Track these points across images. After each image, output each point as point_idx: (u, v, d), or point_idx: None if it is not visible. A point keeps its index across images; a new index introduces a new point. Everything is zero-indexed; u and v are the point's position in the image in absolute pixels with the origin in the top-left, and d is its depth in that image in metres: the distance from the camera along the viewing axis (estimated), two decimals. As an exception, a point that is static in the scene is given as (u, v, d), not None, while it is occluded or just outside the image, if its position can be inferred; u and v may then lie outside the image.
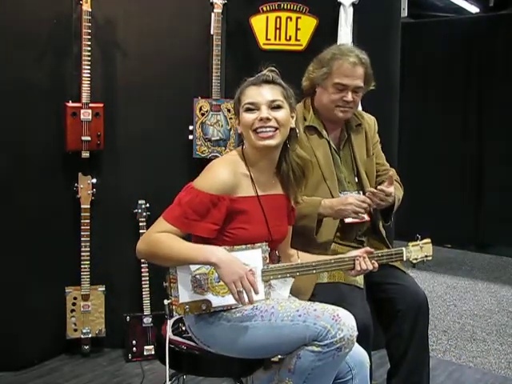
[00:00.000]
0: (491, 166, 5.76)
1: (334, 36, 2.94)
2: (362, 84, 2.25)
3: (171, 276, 1.74)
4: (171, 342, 1.83)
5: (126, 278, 3.08)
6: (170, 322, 1.84)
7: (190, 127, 2.97)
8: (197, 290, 1.75)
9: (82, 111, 2.81)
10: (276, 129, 1.80)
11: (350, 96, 2.22)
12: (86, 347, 2.97)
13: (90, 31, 2.77)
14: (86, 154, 2.86)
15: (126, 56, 2.98)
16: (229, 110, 2.94)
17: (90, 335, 2.95)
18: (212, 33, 2.92)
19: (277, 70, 1.87)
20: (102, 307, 2.99)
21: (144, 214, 2.98)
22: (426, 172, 5.92)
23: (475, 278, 4.93)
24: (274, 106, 1.81)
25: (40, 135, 2.84)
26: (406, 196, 2.41)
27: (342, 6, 2.94)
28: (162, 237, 1.72)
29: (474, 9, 5.86)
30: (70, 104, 2.82)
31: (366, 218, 2.27)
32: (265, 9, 3.03)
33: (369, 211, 2.22)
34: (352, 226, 2.28)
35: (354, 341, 1.66)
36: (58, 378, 2.78)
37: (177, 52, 3.03)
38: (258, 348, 1.74)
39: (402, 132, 3.80)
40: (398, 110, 3.37)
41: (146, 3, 3.00)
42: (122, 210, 3.03)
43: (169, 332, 1.83)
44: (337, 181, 2.28)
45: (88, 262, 2.92)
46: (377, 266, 1.94)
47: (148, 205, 2.99)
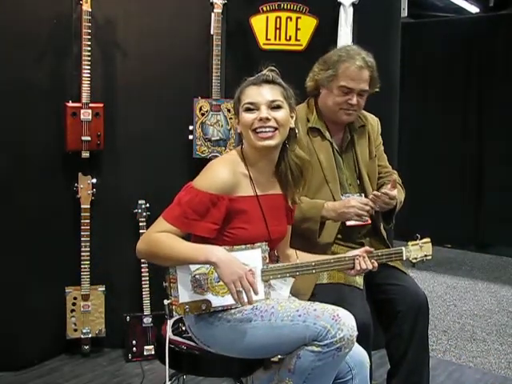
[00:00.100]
0: (491, 166, 5.76)
1: (334, 36, 2.94)
2: (368, 87, 2.24)
3: (171, 276, 1.74)
4: (171, 342, 1.83)
5: (126, 278, 3.08)
6: (169, 322, 1.84)
7: (190, 127, 2.97)
8: (197, 290, 1.75)
9: (81, 111, 2.81)
10: (275, 129, 1.80)
11: (354, 99, 2.21)
12: (86, 347, 2.97)
13: (89, 31, 2.77)
14: (85, 154, 2.86)
15: (126, 56, 2.98)
16: (229, 110, 2.94)
17: (89, 335, 2.95)
18: (212, 33, 2.92)
19: (277, 70, 1.87)
20: (102, 307, 2.99)
21: (144, 213, 2.98)
22: (426, 172, 5.92)
23: (475, 278, 4.92)
24: (274, 106, 1.81)
25: (40, 135, 2.84)
26: (406, 196, 2.41)
27: (341, 6, 2.94)
28: (162, 236, 1.72)
29: (474, 9, 5.85)
30: (70, 104, 2.82)
31: (368, 220, 2.27)
32: (265, 9, 3.03)
33: (370, 214, 2.21)
34: (353, 228, 2.27)
35: (354, 341, 1.66)
36: (57, 378, 2.78)
37: (177, 52, 3.03)
38: (257, 348, 1.74)
39: (402, 132, 3.80)
40: (397, 110, 3.36)
41: (145, 3, 3.00)
42: (122, 209, 3.03)
43: (169, 332, 1.83)
44: (339, 183, 2.28)
45: (88, 262, 2.92)
46: (376, 265, 1.94)
47: (148, 205, 2.99)
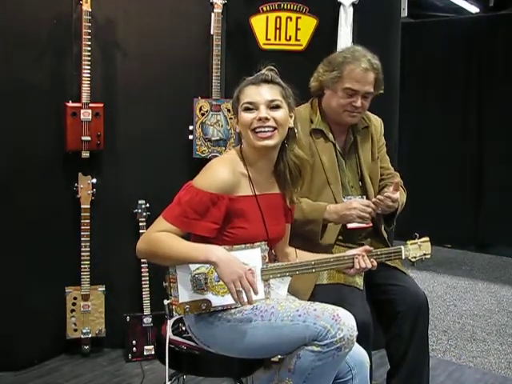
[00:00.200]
0: (491, 166, 5.76)
1: (334, 36, 2.94)
2: (372, 90, 2.23)
3: (171, 276, 1.74)
4: (171, 342, 1.83)
5: (126, 278, 3.08)
6: (169, 322, 1.84)
7: (190, 127, 2.97)
8: (196, 289, 1.75)
9: (81, 111, 2.81)
10: (274, 129, 1.79)
11: (359, 102, 2.20)
12: (86, 347, 2.97)
13: (90, 31, 2.77)
14: (85, 154, 2.86)
15: (126, 56, 2.98)
16: (229, 110, 2.94)
17: (90, 335, 2.95)
18: (212, 33, 2.92)
19: (276, 69, 1.87)
20: (102, 307, 2.99)
21: (144, 213, 2.98)
22: (426, 172, 5.91)
23: (475, 278, 4.92)
24: (273, 106, 1.80)
25: (40, 135, 2.84)
26: (407, 196, 2.40)
27: (342, 6, 2.94)
28: (162, 236, 1.72)
29: (474, 9, 5.85)
30: (70, 104, 2.82)
31: (369, 223, 2.27)
32: (265, 9, 3.03)
33: (372, 216, 2.20)
34: (354, 230, 2.27)
35: (354, 341, 1.66)
36: (58, 378, 2.78)
37: (177, 52, 3.03)
38: (257, 348, 1.74)
39: (402, 132, 3.79)
40: (398, 110, 3.36)
41: (145, 3, 3.00)
42: (122, 209, 3.03)
43: (169, 332, 1.83)
44: (341, 185, 2.27)
45: (88, 262, 2.92)
46: (376, 264, 1.95)
47: (148, 205, 2.99)
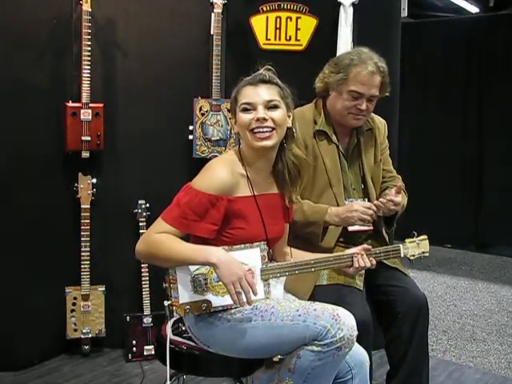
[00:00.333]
0: (491, 166, 5.76)
1: (334, 36, 2.94)
2: (378, 93, 2.22)
3: (171, 277, 1.74)
4: (171, 342, 1.83)
5: (126, 278, 3.08)
6: (170, 323, 1.84)
7: (190, 127, 2.97)
8: (197, 290, 1.75)
9: (81, 111, 2.81)
10: (273, 129, 1.79)
11: (364, 105, 2.19)
12: (86, 347, 2.97)
13: (90, 31, 2.77)
14: (85, 154, 2.86)
15: (126, 56, 2.98)
16: (229, 110, 2.94)
17: (90, 335, 2.95)
18: (212, 33, 2.92)
19: (273, 69, 1.86)
20: (102, 307, 2.98)
21: (144, 213, 2.98)
22: (426, 172, 5.91)
23: (475, 278, 4.92)
24: (271, 106, 1.80)
25: (40, 135, 2.84)
26: (407, 197, 2.40)
27: (342, 6, 2.94)
28: (162, 238, 1.72)
29: (474, 9, 5.85)
30: (70, 104, 2.82)
31: (370, 226, 2.26)
32: (265, 9, 3.03)
33: (373, 219, 2.20)
34: (355, 232, 2.26)
35: (354, 340, 1.66)
36: (58, 378, 2.78)
37: (177, 52, 3.03)
38: (257, 348, 1.74)
39: (402, 132, 3.80)
40: (398, 110, 3.36)
41: (145, 3, 3.00)
42: (122, 209, 3.03)
43: (169, 333, 1.83)
44: (343, 187, 2.26)
45: (88, 262, 2.92)
46: (375, 262, 1.95)
47: (148, 205, 2.99)
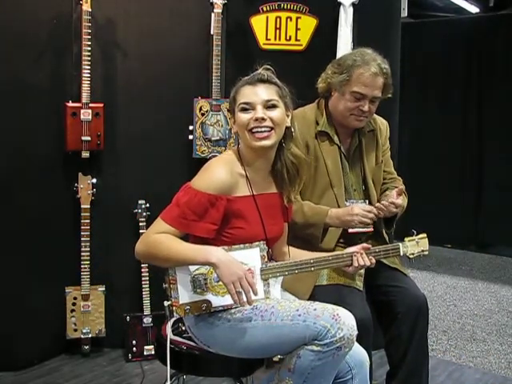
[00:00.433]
0: (491, 166, 5.76)
1: (334, 36, 2.94)
2: (380, 94, 2.21)
3: (170, 277, 1.74)
4: (171, 342, 1.83)
5: (126, 278, 3.08)
6: (170, 323, 1.84)
7: (190, 127, 2.97)
8: (197, 290, 1.75)
9: (81, 111, 2.81)
10: (271, 129, 1.79)
11: (366, 106, 2.19)
12: (86, 347, 2.97)
13: (90, 31, 2.77)
14: (85, 154, 2.86)
15: (126, 56, 2.98)
16: (229, 110, 2.93)
17: (90, 335, 2.95)
18: (212, 33, 2.92)
19: (272, 69, 1.86)
20: (102, 307, 2.98)
21: (144, 213, 2.98)
22: (426, 172, 5.91)
23: (475, 278, 4.92)
24: (270, 106, 1.80)
25: (40, 135, 2.84)
26: (408, 198, 2.40)
27: (342, 6, 2.94)
28: (161, 238, 1.72)
29: (474, 9, 5.84)
30: (70, 104, 2.82)
31: (370, 228, 2.27)
32: (265, 9, 3.03)
33: (374, 221, 2.20)
34: (355, 233, 2.27)
35: (354, 340, 1.66)
36: (58, 378, 2.78)
37: (177, 52, 3.03)
38: (257, 348, 1.74)
39: (402, 132, 3.79)
40: (398, 110, 3.36)
41: (145, 3, 3.00)
42: (122, 209, 3.03)
43: (169, 333, 1.83)
44: (344, 189, 2.26)
45: (88, 262, 2.92)
46: (374, 261, 1.95)
47: (148, 205, 2.99)
